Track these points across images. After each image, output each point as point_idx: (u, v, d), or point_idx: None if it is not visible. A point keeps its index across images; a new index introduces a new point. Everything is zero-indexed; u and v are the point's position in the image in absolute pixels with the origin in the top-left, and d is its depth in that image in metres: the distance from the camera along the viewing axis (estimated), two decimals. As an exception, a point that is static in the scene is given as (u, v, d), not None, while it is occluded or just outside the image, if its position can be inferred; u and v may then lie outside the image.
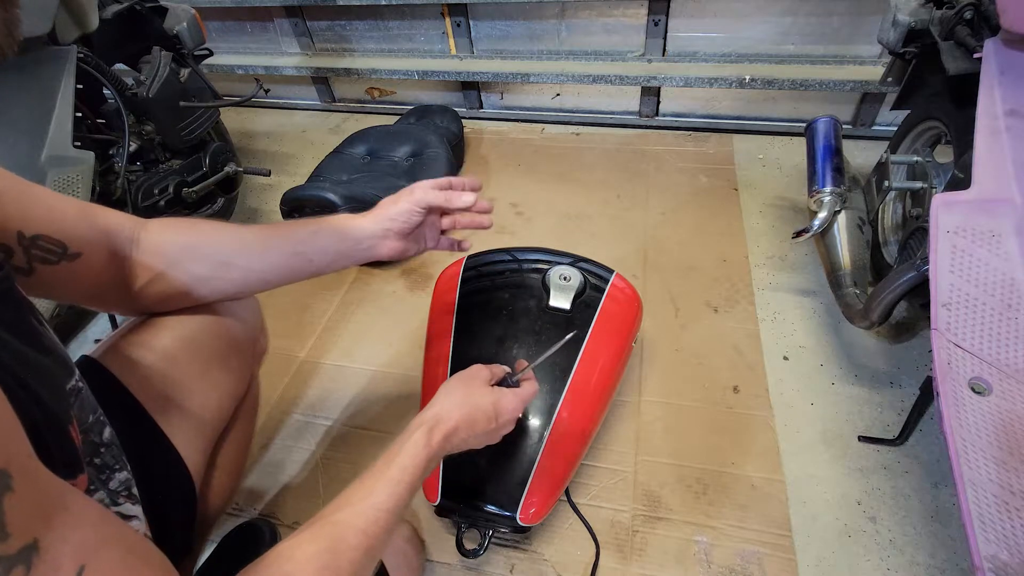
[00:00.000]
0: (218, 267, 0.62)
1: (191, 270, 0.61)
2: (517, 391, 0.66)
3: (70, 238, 0.50)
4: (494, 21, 1.87)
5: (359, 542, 0.44)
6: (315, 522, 0.45)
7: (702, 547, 0.88)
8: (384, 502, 0.48)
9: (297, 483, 1.02)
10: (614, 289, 0.99)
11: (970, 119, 0.81)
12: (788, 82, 1.60)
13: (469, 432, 0.60)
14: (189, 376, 0.62)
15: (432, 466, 0.56)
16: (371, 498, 0.48)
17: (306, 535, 0.44)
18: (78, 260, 0.51)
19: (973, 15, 0.88)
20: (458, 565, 0.89)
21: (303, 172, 1.85)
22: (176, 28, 1.35)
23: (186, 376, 0.62)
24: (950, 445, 0.67)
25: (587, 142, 1.86)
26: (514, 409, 0.64)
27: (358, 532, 0.45)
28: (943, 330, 0.73)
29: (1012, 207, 0.75)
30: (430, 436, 0.56)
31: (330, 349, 1.26)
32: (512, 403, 0.64)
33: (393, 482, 0.50)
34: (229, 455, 0.72)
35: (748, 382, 1.09)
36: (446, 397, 0.61)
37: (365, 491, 0.49)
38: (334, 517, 0.46)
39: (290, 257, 0.64)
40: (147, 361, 0.60)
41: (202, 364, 0.64)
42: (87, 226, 0.53)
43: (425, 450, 0.54)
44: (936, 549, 0.85)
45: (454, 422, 0.58)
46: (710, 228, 1.45)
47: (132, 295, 0.59)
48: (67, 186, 1.03)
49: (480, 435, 0.61)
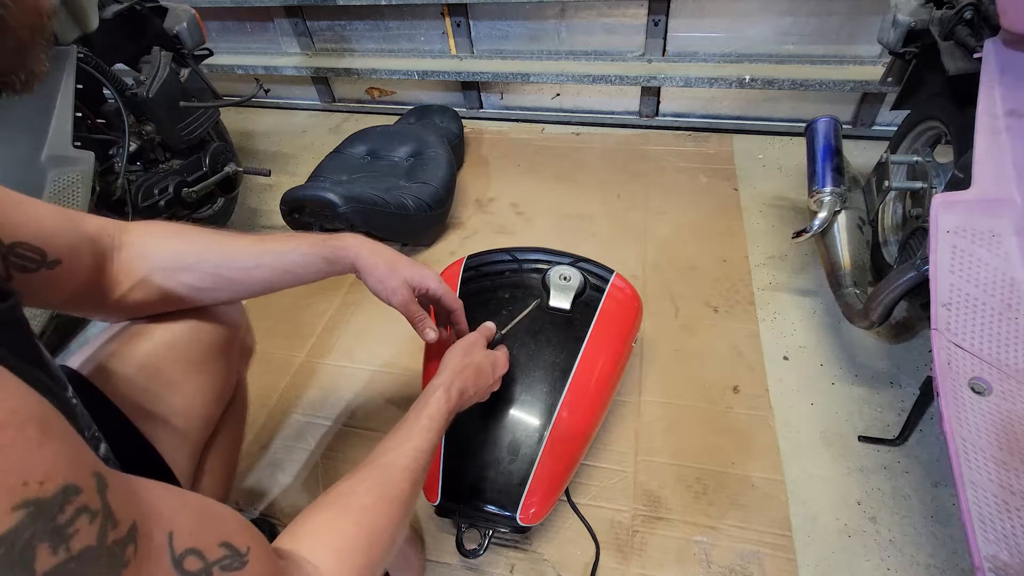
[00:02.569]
0: (205, 276, 0.61)
1: (176, 277, 0.60)
2: (501, 350, 0.80)
3: (50, 245, 0.50)
4: (494, 21, 1.87)
5: (405, 476, 0.54)
6: (365, 465, 0.54)
7: (702, 547, 0.88)
8: (420, 444, 0.58)
9: (297, 483, 1.02)
10: (614, 289, 0.99)
11: (970, 119, 0.81)
12: (788, 82, 1.60)
13: (476, 387, 0.70)
14: (172, 382, 0.62)
15: (451, 419, 0.66)
16: (409, 442, 0.57)
17: (360, 475, 0.52)
18: (58, 268, 0.51)
19: (973, 15, 0.88)
20: (458, 565, 0.89)
21: (303, 172, 1.85)
22: (176, 28, 1.35)
23: (169, 382, 0.62)
24: (950, 445, 0.67)
25: (587, 142, 1.86)
26: (504, 364, 0.78)
27: (403, 468, 0.54)
28: (943, 330, 0.73)
29: (1012, 207, 0.75)
30: (448, 393, 0.65)
31: (330, 349, 1.26)
32: (502, 359, 0.77)
33: (425, 429, 0.60)
34: (219, 457, 0.72)
35: (748, 382, 1.09)
36: (452, 363, 0.70)
37: (403, 438, 0.58)
38: (381, 460, 0.55)
39: (280, 274, 0.65)
40: (129, 369, 0.59)
41: (184, 369, 0.64)
42: (68, 233, 0.52)
43: (446, 404, 0.64)
44: (936, 549, 0.85)
45: (463, 381, 0.68)
46: (710, 228, 1.45)
47: (114, 301, 0.58)
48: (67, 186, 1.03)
49: (484, 388, 0.73)
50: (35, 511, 0.24)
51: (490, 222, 1.57)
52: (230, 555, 0.35)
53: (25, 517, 0.23)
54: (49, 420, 0.27)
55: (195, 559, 0.33)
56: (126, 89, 1.22)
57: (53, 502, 0.25)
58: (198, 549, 0.33)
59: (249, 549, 0.36)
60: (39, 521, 0.24)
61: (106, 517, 0.27)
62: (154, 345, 0.62)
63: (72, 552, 0.25)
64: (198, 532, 0.34)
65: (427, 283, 0.72)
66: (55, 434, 0.27)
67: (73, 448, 0.28)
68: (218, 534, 0.35)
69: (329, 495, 0.49)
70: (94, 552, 0.26)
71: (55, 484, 0.25)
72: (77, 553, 0.25)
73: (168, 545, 0.31)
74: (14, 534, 0.23)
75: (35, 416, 0.27)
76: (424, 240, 1.52)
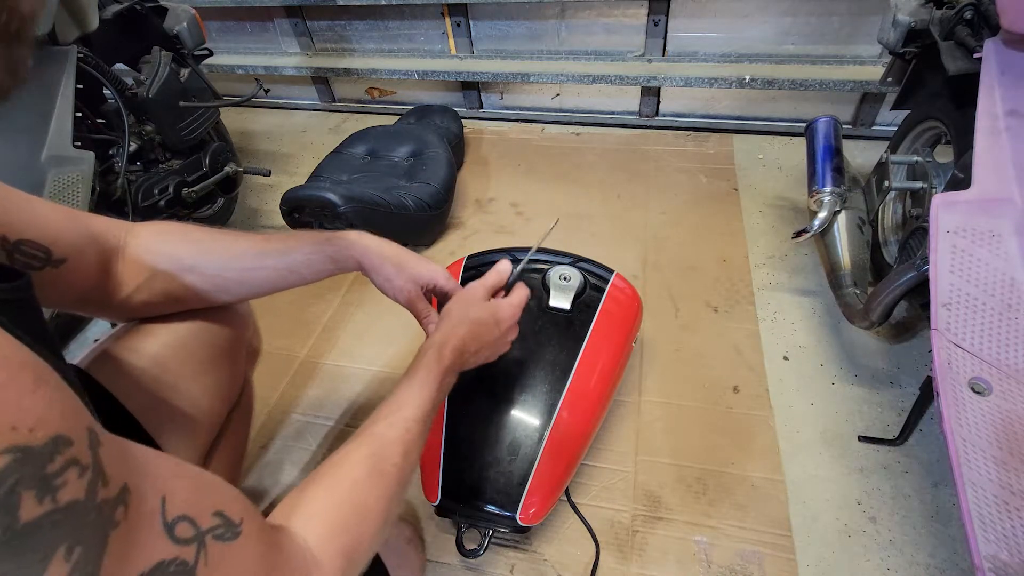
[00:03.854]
0: (209, 276, 0.61)
1: (181, 277, 0.60)
2: (510, 298, 0.70)
3: (55, 243, 0.50)
4: (494, 21, 1.87)
5: (396, 448, 0.52)
6: (357, 435, 0.52)
7: (702, 547, 0.88)
8: (413, 413, 0.55)
9: (297, 483, 1.01)
10: (614, 289, 0.99)
11: (970, 119, 0.81)
12: (788, 82, 1.60)
13: (478, 344, 0.64)
14: (179, 382, 0.62)
15: (451, 381, 0.62)
16: (401, 411, 0.55)
17: (352, 445, 0.51)
18: (63, 266, 0.51)
19: (973, 15, 0.88)
20: (458, 565, 0.89)
21: (303, 172, 1.85)
22: (176, 28, 1.35)
23: (176, 383, 0.62)
24: (950, 445, 0.67)
25: (587, 142, 1.86)
26: (512, 315, 0.68)
27: (394, 440, 0.52)
28: (943, 330, 0.73)
29: (1012, 207, 0.75)
30: (440, 353, 0.60)
31: (330, 349, 1.26)
32: (508, 309, 0.68)
33: (416, 396, 0.56)
34: (224, 459, 0.72)
35: (748, 382, 1.09)
36: (446, 320, 0.65)
37: (395, 406, 0.55)
38: (372, 429, 0.53)
39: (285, 274, 0.64)
40: (136, 369, 0.59)
41: (192, 370, 0.64)
42: (74, 231, 0.52)
43: (438, 365, 0.59)
44: (936, 549, 0.85)
45: (459, 339, 0.62)
46: (710, 228, 1.45)
47: (119, 301, 0.58)
48: (67, 186, 1.03)
49: (490, 344, 0.66)
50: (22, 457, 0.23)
51: (490, 222, 1.57)
52: (223, 524, 0.35)
53: (12, 462, 0.23)
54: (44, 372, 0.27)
55: (187, 525, 0.32)
56: (126, 89, 1.22)
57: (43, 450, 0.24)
58: (191, 516, 0.33)
59: (243, 520, 0.36)
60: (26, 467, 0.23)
61: (96, 473, 0.27)
62: (161, 345, 0.62)
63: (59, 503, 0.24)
64: (192, 500, 0.34)
65: (436, 279, 0.69)
66: (50, 384, 0.27)
67: (67, 400, 0.27)
68: (212, 503, 0.35)
69: (321, 469, 0.49)
70: (81, 506, 0.25)
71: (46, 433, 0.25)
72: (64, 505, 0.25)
73: (160, 509, 0.31)
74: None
75: (30, 365, 0.26)
76: (424, 240, 1.52)
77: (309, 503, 0.46)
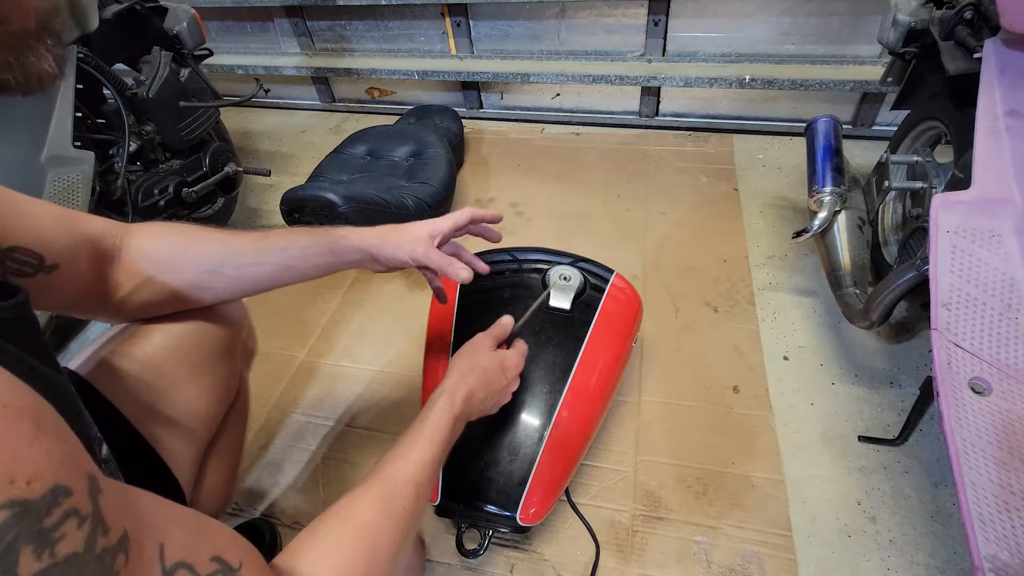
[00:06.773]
0: (206, 275, 0.61)
1: (179, 277, 0.60)
2: (515, 348, 0.74)
3: (48, 249, 0.49)
4: (494, 21, 1.87)
5: (408, 490, 0.52)
6: (367, 479, 0.52)
7: (702, 547, 0.88)
8: (422, 455, 0.56)
9: (297, 483, 1.02)
10: (614, 289, 0.99)
11: (970, 119, 0.81)
12: (788, 82, 1.60)
13: (486, 391, 0.67)
14: (175, 384, 0.62)
15: (460, 427, 0.63)
16: (411, 454, 0.55)
17: (362, 488, 0.51)
18: (56, 272, 0.50)
19: (973, 15, 0.88)
20: (458, 565, 0.89)
21: (303, 172, 1.85)
22: (176, 28, 1.35)
23: (172, 384, 0.62)
24: (950, 445, 0.67)
25: (587, 142, 1.86)
26: (518, 364, 0.72)
27: (406, 482, 0.53)
28: (943, 330, 0.73)
29: (1012, 207, 0.75)
30: (452, 400, 0.62)
31: (330, 349, 1.26)
32: (515, 358, 0.72)
33: (428, 440, 0.57)
34: (221, 459, 0.72)
35: (748, 382, 1.09)
36: (457, 368, 0.67)
37: (405, 449, 0.56)
38: (382, 474, 0.53)
39: (283, 270, 0.64)
40: (131, 372, 0.59)
41: (188, 371, 0.63)
42: (67, 236, 0.52)
43: (450, 412, 0.61)
44: (936, 549, 0.85)
45: (469, 387, 0.65)
46: (710, 228, 1.45)
47: (115, 303, 0.58)
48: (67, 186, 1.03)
49: (496, 392, 0.69)
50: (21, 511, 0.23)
51: (490, 222, 1.57)
52: (222, 570, 0.34)
53: (10, 517, 0.23)
54: (44, 417, 0.27)
55: (186, 572, 0.32)
56: (126, 89, 1.22)
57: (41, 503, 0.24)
58: (189, 563, 0.32)
59: (242, 564, 0.36)
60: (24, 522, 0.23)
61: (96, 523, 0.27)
62: (156, 347, 0.62)
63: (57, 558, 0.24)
64: (189, 545, 0.33)
65: (441, 225, 0.72)
66: (49, 431, 0.26)
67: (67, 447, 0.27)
68: (210, 548, 0.35)
69: (330, 511, 0.49)
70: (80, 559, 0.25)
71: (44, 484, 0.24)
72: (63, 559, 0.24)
73: (159, 557, 0.31)
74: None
75: (30, 411, 0.26)
76: (424, 240, 1.51)
77: (317, 546, 0.45)
